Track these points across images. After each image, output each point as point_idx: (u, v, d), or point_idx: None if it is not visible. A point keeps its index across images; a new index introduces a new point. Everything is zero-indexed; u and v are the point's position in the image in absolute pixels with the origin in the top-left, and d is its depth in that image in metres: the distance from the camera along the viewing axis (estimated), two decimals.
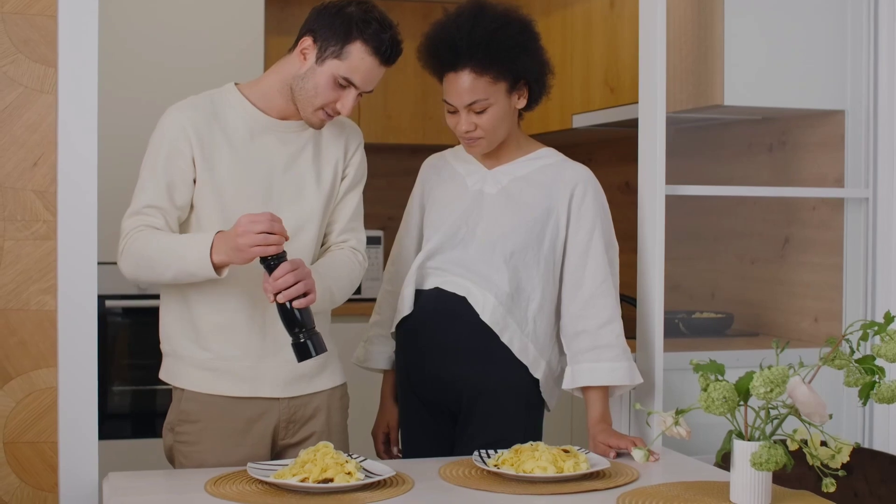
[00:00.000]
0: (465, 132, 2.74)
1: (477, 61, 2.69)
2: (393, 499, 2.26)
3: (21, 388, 2.62)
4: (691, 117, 3.74)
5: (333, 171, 2.68)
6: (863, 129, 3.39)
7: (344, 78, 2.53)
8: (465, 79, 2.70)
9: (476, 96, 2.70)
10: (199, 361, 2.61)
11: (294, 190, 2.61)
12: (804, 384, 2.15)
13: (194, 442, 2.60)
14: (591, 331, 2.77)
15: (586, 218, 2.79)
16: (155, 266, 2.51)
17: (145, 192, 2.55)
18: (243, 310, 2.58)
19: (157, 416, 4.77)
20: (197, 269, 2.45)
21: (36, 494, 2.64)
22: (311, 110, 2.57)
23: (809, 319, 3.58)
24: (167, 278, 2.52)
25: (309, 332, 2.42)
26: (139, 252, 2.51)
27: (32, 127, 2.62)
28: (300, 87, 2.56)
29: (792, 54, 3.35)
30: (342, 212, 2.72)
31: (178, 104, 2.61)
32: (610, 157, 5.03)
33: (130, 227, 2.54)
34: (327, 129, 2.69)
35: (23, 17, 2.60)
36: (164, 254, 2.49)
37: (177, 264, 2.47)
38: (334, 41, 2.52)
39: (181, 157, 2.54)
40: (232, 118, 2.59)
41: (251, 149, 2.59)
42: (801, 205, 3.63)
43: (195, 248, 2.46)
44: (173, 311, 2.64)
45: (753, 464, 2.12)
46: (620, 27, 4.24)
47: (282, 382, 2.63)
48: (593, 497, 2.32)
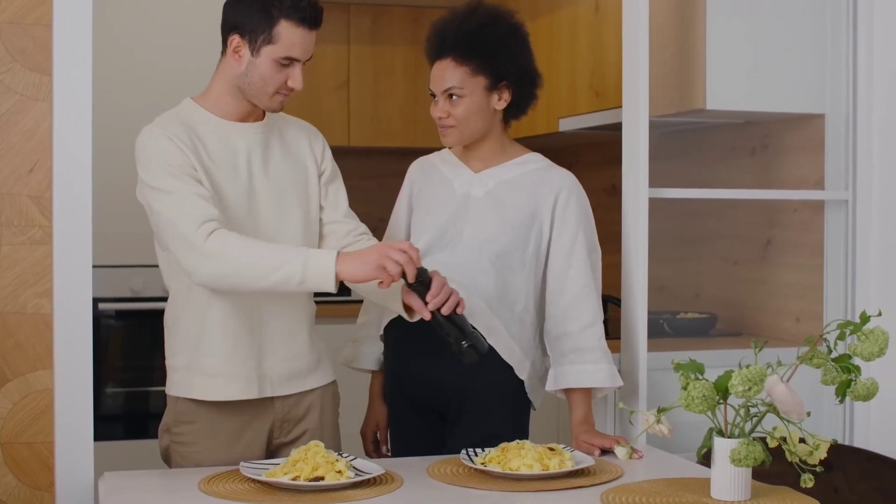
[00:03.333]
0: (437, 118, 2.82)
1: (459, 51, 2.78)
2: (382, 496, 2.30)
3: (18, 390, 2.65)
4: (675, 121, 3.76)
5: (305, 168, 2.69)
6: (842, 133, 3.42)
7: (284, 58, 2.54)
8: (447, 66, 2.79)
9: (452, 83, 2.78)
10: (203, 368, 2.59)
11: (275, 189, 2.62)
12: (782, 383, 2.19)
13: (191, 443, 2.61)
14: (574, 333, 2.79)
15: (570, 222, 2.82)
16: (256, 270, 2.43)
17: (186, 195, 2.47)
18: (241, 312, 2.59)
19: (149, 418, 4.79)
20: (314, 275, 2.41)
21: (32, 494, 2.66)
22: (266, 98, 2.58)
23: (791, 319, 3.60)
24: (262, 286, 2.44)
25: (472, 334, 2.49)
26: (235, 257, 2.43)
27: (28, 134, 2.64)
28: (247, 83, 2.57)
29: (773, 60, 3.38)
30: (340, 205, 2.74)
31: (150, 127, 2.56)
32: (596, 160, 5.06)
33: (210, 231, 2.44)
34: (287, 130, 2.71)
35: (18, 26, 2.62)
36: (268, 259, 2.42)
37: (285, 269, 2.40)
38: (260, 29, 2.52)
39: (187, 159, 2.52)
40: (203, 132, 2.58)
41: (226, 156, 2.58)
42: (782, 207, 3.66)
43: (316, 256, 2.43)
44: (182, 324, 2.62)
45: (733, 460, 2.16)
46: (605, 32, 4.27)
47: (279, 381, 2.65)
48: (578, 494, 2.35)
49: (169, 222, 2.48)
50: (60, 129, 2.65)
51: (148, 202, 2.53)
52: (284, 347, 2.66)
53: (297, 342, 2.68)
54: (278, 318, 2.64)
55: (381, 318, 2.95)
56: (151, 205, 2.51)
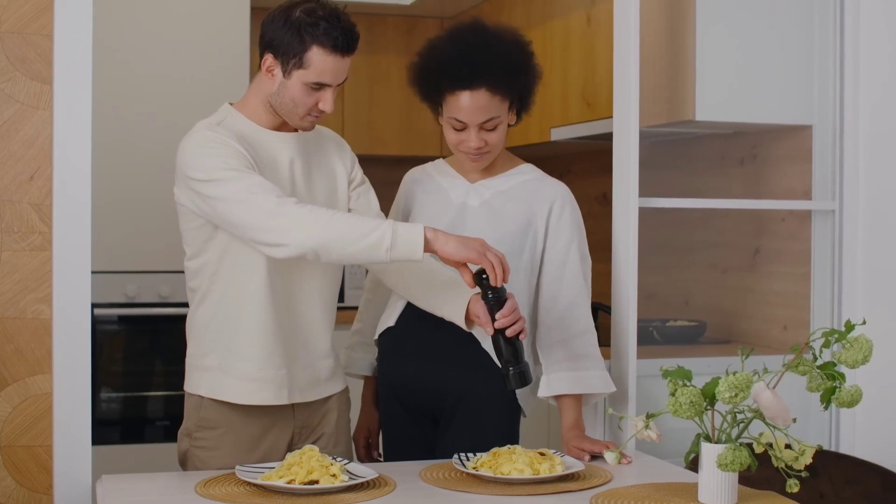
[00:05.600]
0: (475, 149, 2.78)
1: (493, 80, 2.71)
2: (376, 500, 2.33)
3: (17, 394, 2.66)
4: (665, 131, 3.78)
5: (335, 177, 2.73)
6: (829, 144, 3.44)
7: (315, 83, 2.54)
8: (481, 97, 2.72)
9: (491, 114, 2.74)
10: (237, 372, 2.61)
11: (312, 198, 2.64)
12: (768, 389, 2.21)
13: (213, 447, 2.63)
14: (567, 341, 2.82)
15: (564, 232, 2.85)
16: (348, 235, 2.41)
17: (255, 177, 2.47)
18: (276, 318, 2.61)
19: (145, 423, 4.83)
20: (403, 241, 2.40)
21: (31, 496, 2.68)
22: (297, 119, 2.60)
23: (779, 327, 3.63)
24: (352, 251, 2.42)
25: (524, 362, 2.53)
26: (326, 222, 2.41)
27: (29, 142, 2.66)
28: (279, 102, 2.59)
29: (761, 72, 3.41)
30: (372, 207, 2.76)
31: (197, 131, 2.56)
32: (587, 169, 5.08)
33: (290, 202, 2.43)
34: (319, 139, 2.73)
35: (20, 36, 2.65)
36: (357, 225, 2.42)
37: (376, 234, 2.39)
38: (292, 53, 2.52)
39: (244, 155, 2.52)
40: (248, 137, 2.59)
41: (269, 163, 2.60)
42: (770, 216, 3.68)
43: (404, 224, 2.43)
44: (213, 326, 2.64)
45: (719, 465, 2.19)
46: (597, 44, 4.29)
47: (305, 387, 2.68)
48: (568, 498, 2.38)
49: (243, 202, 2.44)
50: (61, 137, 2.67)
51: (206, 194, 2.49)
52: (311, 354, 2.69)
53: (321, 349, 2.71)
54: (307, 324, 2.67)
55: (375, 324, 2.98)
56: (212, 193, 2.48)
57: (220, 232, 2.57)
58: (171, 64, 4.82)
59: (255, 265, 2.58)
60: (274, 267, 2.58)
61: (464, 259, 2.43)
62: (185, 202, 2.57)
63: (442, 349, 2.82)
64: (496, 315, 2.48)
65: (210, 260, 2.61)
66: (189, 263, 2.67)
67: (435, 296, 2.69)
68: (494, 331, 2.49)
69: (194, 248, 2.63)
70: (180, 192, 2.58)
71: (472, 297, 2.58)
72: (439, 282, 2.68)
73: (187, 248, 2.66)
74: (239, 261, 2.59)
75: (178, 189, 2.59)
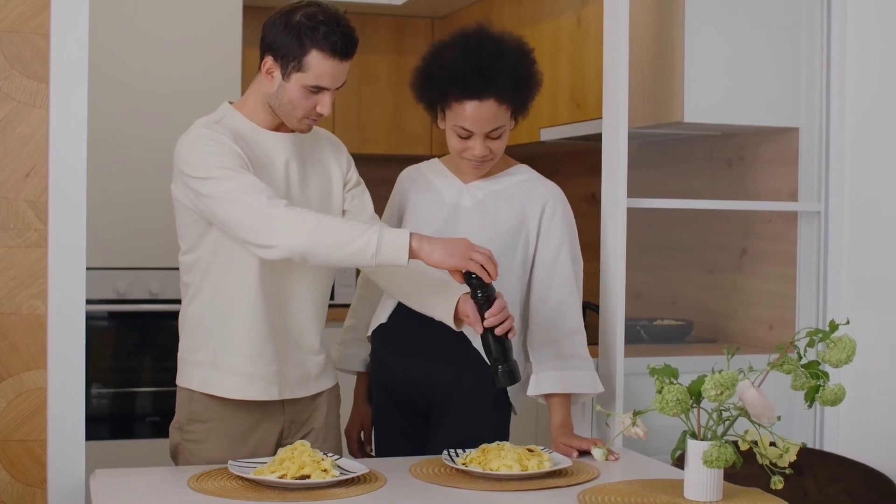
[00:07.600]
0: (480, 156, 2.79)
1: (502, 91, 2.72)
2: (366, 494, 2.34)
3: (12, 389, 2.68)
4: (653, 133, 3.80)
5: (331, 178, 2.75)
6: (816, 146, 3.47)
7: (313, 86, 2.57)
8: (489, 107, 2.72)
9: (497, 123, 2.75)
10: (228, 367, 2.64)
11: (306, 198, 2.67)
12: (753, 388, 2.24)
13: (202, 441, 2.66)
14: (557, 340, 2.84)
15: (555, 232, 2.87)
16: (334, 240, 2.43)
17: (248, 177, 2.48)
18: (267, 314, 2.63)
19: (135, 419, 4.83)
20: (389, 248, 2.41)
21: (25, 490, 2.69)
22: (295, 121, 2.63)
23: (765, 327, 3.65)
24: (338, 256, 2.44)
25: (513, 361, 2.55)
26: (314, 226, 2.43)
27: (25, 140, 2.68)
28: (277, 103, 2.61)
29: (749, 74, 3.43)
30: (366, 208, 2.78)
31: (194, 129, 2.59)
32: (576, 169, 5.09)
33: (279, 204, 2.45)
34: (316, 140, 2.75)
35: (17, 35, 2.66)
36: (344, 230, 2.44)
37: (362, 240, 2.41)
38: (291, 56, 2.54)
39: (239, 154, 2.54)
40: (244, 136, 2.61)
41: (265, 163, 2.62)
42: (757, 217, 3.70)
43: (390, 230, 2.45)
44: (205, 322, 2.66)
45: (705, 461, 2.21)
46: (586, 46, 4.30)
47: (295, 384, 2.70)
48: (556, 493, 2.40)
49: (236, 202, 2.47)
50: (56, 135, 2.68)
51: (200, 191, 2.51)
52: (301, 351, 2.71)
53: (311, 346, 2.74)
54: (298, 321, 2.70)
55: (368, 321, 3.00)
56: (206, 191, 2.50)
57: (214, 228, 2.59)
58: (164, 63, 4.83)
59: (248, 263, 2.60)
60: (266, 264, 2.60)
61: (450, 268, 2.46)
62: (181, 198, 2.60)
63: (433, 346, 2.84)
64: (485, 314, 2.50)
65: (203, 255, 2.63)
66: (183, 258, 2.69)
67: (425, 296, 2.72)
68: (484, 329, 2.52)
69: (189, 244, 2.66)
70: (176, 188, 2.60)
71: (462, 297, 2.60)
72: (429, 282, 2.71)
73: (182, 243, 2.68)
74: (232, 258, 2.61)
75: (175, 185, 2.61)
